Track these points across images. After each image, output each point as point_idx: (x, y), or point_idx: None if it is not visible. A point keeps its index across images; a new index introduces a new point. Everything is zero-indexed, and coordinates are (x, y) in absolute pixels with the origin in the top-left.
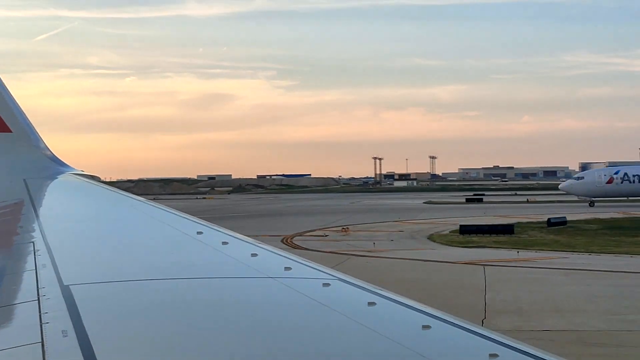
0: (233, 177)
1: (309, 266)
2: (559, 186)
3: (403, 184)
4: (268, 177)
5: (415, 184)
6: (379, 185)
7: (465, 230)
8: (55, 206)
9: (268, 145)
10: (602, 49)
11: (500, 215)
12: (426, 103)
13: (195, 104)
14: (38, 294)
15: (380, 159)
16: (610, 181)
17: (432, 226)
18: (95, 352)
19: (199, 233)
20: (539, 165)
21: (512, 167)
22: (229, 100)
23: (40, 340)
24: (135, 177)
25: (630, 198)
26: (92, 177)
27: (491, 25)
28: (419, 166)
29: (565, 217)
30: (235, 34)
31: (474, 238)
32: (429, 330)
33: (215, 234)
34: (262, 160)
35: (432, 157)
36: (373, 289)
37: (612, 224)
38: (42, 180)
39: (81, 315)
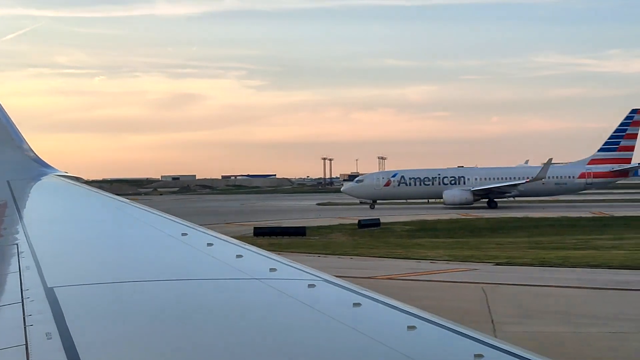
0: (197, 177)
1: (294, 267)
2: (341, 189)
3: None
4: (233, 177)
5: None
6: (330, 185)
7: (258, 232)
8: (39, 208)
9: (237, 146)
10: (571, 50)
11: (343, 217)
12: (396, 104)
13: (164, 104)
14: (22, 297)
15: (330, 160)
16: (387, 184)
17: (250, 228)
18: (79, 354)
19: (184, 234)
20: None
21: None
22: (198, 100)
23: (24, 343)
24: (100, 178)
25: (409, 200)
26: (76, 179)
27: (462, 26)
28: (389, 166)
29: (378, 219)
30: (205, 34)
31: (259, 240)
32: (414, 330)
33: (200, 235)
34: (229, 160)
35: (382, 158)
36: (358, 290)
37: (429, 225)
38: (26, 181)
39: (65, 317)
